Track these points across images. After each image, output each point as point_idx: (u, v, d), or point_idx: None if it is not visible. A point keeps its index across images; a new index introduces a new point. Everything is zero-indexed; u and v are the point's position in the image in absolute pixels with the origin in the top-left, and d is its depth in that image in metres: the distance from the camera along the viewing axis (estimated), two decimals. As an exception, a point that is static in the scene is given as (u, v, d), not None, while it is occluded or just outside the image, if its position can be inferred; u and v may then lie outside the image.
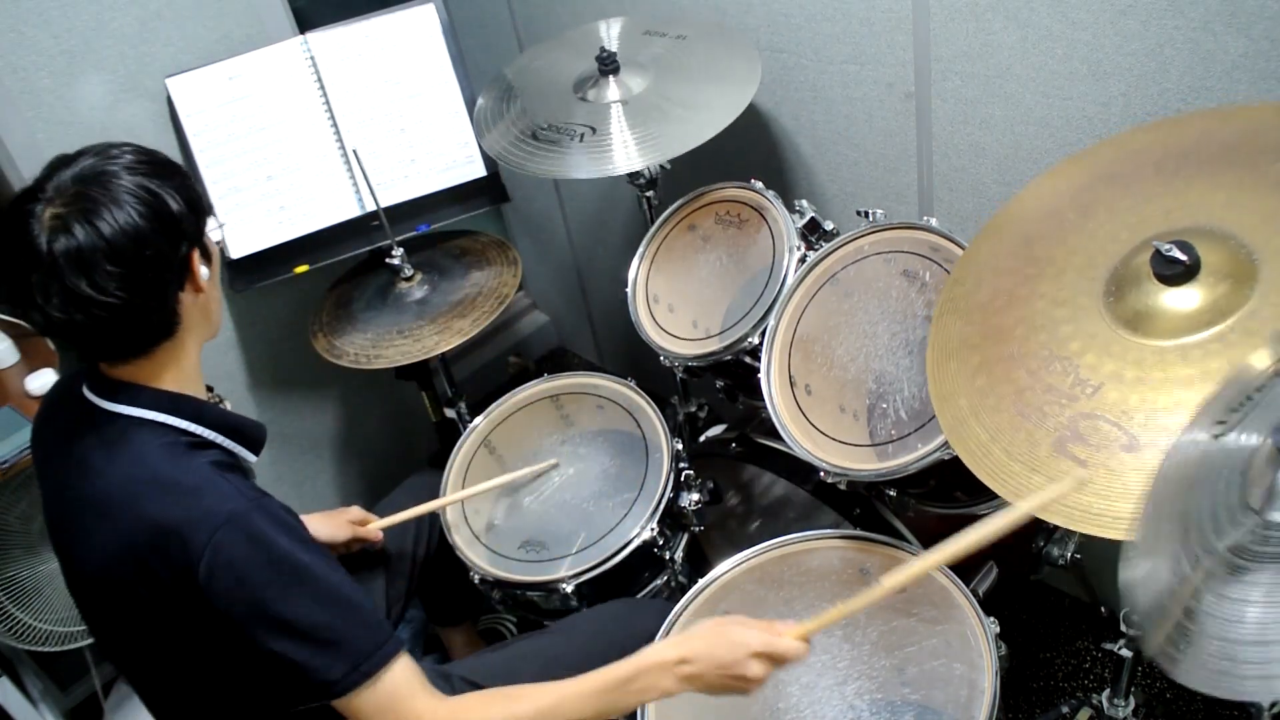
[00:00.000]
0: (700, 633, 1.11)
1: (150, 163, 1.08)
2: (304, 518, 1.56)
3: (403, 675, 1.10)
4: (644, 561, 1.56)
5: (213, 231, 1.17)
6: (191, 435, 1.12)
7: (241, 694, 1.15)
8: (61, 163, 1.06)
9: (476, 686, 1.26)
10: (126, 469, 1.08)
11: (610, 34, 1.87)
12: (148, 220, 1.03)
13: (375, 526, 1.61)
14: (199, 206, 1.11)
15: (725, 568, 1.41)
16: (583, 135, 1.66)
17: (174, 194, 1.06)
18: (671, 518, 1.59)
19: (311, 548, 1.09)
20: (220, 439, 1.15)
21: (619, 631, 1.43)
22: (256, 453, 1.22)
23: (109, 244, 1.00)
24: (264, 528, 1.05)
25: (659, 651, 1.11)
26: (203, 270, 1.11)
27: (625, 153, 1.62)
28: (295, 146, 1.87)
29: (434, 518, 1.66)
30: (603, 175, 1.63)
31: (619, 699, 1.10)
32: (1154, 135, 1.20)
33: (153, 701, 1.24)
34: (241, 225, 1.86)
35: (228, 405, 1.28)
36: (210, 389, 1.27)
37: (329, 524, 1.57)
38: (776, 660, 1.08)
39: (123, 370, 1.12)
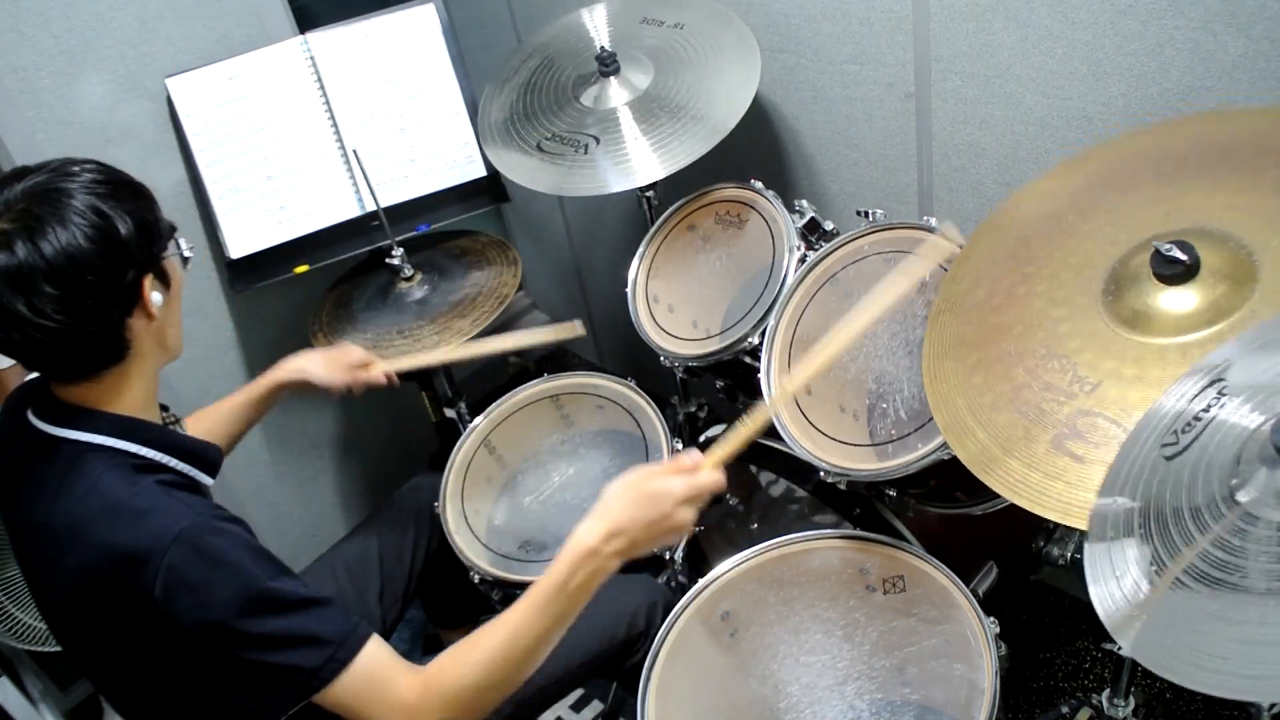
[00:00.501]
0: (617, 498, 1.08)
1: (109, 183, 1.04)
2: (301, 356, 1.53)
3: (379, 656, 1.09)
4: (644, 561, 1.56)
5: (185, 250, 1.15)
6: (140, 458, 1.09)
7: (222, 709, 1.12)
8: (16, 175, 1.03)
9: None
10: (78, 497, 1.05)
11: (600, 24, 1.86)
12: (93, 243, 1.00)
13: (383, 369, 1.55)
14: (153, 232, 1.07)
15: (725, 568, 1.41)
16: (588, 146, 1.65)
17: (125, 218, 1.03)
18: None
19: (261, 558, 1.06)
20: (172, 462, 1.13)
21: (607, 605, 1.43)
22: (212, 475, 1.19)
23: (49, 264, 0.97)
24: (213, 543, 1.03)
25: (584, 537, 1.07)
26: (155, 297, 1.08)
27: (644, 161, 1.61)
28: (295, 146, 1.87)
29: (434, 519, 1.66)
30: (626, 188, 1.62)
31: (569, 600, 1.08)
32: (1152, 138, 1.20)
33: (132, 713, 1.21)
34: (241, 225, 1.86)
35: (183, 427, 1.25)
36: (165, 409, 1.24)
37: (326, 368, 1.53)
38: (700, 499, 1.09)
39: (72, 392, 1.09)
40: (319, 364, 1.54)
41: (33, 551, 1.12)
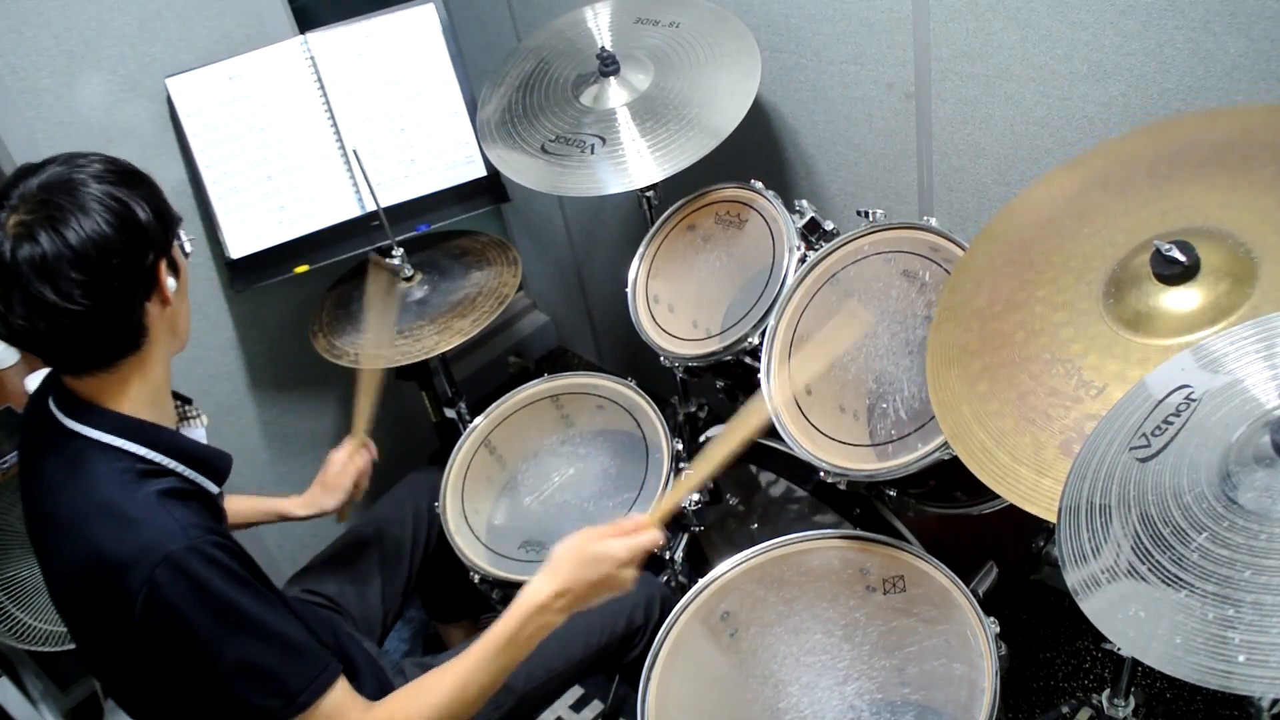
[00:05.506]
0: (564, 559, 1.16)
1: (119, 172, 1.07)
2: (309, 494, 1.58)
3: (342, 699, 1.11)
4: (644, 561, 1.56)
5: (186, 243, 1.16)
6: (147, 462, 1.10)
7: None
8: (27, 171, 1.04)
9: None
10: (79, 494, 1.06)
11: (601, 25, 1.86)
12: (114, 229, 1.02)
13: (356, 445, 1.60)
14: (167, 217, 1.10)
15: (725, 568, 1.41)
16: (594, 146, 1.65)
17: (142, 203, 1.05)
18: (671, 517, 1.58)
19: (247, 587, 1.07)
20: (178, 467, 1.13)
21: (603, 605, 1.43)
22: (219, 482, 1.20)
23: (75, 251, 0.99)
24: (199, 569, 1.03)
25: (535, 592, 1.16)
26: (169, 282, 1.10)
27: (640, 163, 1.61)
28: (295, 146, 1.87)
29: (432, 515, 1.66)
30: (624, 189, 1.63)
31: (517, 649, 1.16)
32: (1146, 139, 1.20)
33: (128, 708, 1.23)
34: (241, 225, 1.86)
35: (203, 420, 1.25)
36: (189, 401, 1.25)
37: (333, 496, 1.57)
38: (642, 558, 1.18)
39: (87, 384, 1.09)
40: (323, 495, 1.58)
41: (41, 538, 1.14)
